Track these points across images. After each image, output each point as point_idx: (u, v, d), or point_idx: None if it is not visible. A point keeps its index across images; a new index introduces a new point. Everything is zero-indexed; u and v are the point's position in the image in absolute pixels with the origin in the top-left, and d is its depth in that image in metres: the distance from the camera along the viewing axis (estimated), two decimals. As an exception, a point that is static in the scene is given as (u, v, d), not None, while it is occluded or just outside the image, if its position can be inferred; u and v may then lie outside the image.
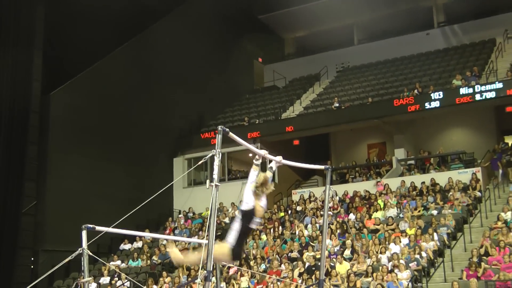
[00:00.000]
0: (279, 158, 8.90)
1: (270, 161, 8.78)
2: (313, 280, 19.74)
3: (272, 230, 26.93)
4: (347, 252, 22.48)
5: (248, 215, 8.19)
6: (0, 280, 26.44)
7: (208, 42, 37.44)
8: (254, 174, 8.27)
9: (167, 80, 33.91)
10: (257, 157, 8.46)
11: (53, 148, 28.97)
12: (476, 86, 27.84)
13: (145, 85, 32.92)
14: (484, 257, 19.82)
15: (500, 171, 27.68)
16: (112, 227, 9.40)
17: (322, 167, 10.89)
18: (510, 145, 29.68)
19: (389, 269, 19.99)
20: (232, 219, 29.33)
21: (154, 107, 33.08)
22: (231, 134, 7.96)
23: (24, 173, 27.78)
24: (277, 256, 23.75)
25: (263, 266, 23.09)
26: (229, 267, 23.06)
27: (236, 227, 8.23)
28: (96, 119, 30.59)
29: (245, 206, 8.17)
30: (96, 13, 29.75)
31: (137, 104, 32.43)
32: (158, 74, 33.63)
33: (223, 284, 21.26)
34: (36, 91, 28.56)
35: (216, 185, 7.56)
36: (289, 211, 28.92)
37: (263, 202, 8.27)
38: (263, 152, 8.49)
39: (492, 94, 27.45)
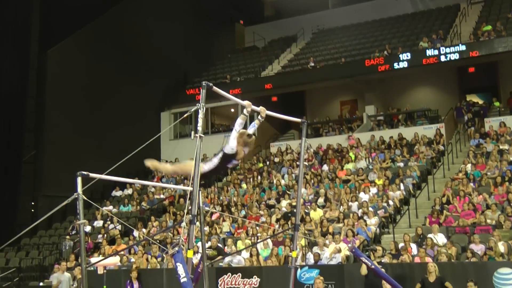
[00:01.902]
0: (262, 109, 8.74)
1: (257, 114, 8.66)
2: (289, 225, 19.79)
3: (251, 179, 26.97)
4: (321, 200, 22.53)
5: (229, 157, 8.10)
6: (4, 222, 26.83)
7: (194, 6, 37.10)
8: (240, 122, 8.12)
9: (155, 41, 33.58)
10: (247, 107, 8.31)
11: (50, 102, 28.86)
12: (441, 48, 27.83)
13: (134, 45, 32.62)
14: (446, 205, 19.96)
15: (466, 117, 27.94)
16: (105, 174, 9.34)
17: (299, 120, 10.85)
18: (472, 102, 29.85)
19: (359, 215, 20.08)
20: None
21: (143, 66, 32.79)
22: (214, 88, 7.87)
23: (24, 125, 27.77)
24: (256, 203, 23.83)
25: (243, 212, 23.16)
26: (212, 213, 23.13)
27: (215, 162, 8.12)
28: (90, 76, 30.40)
29: (229, 150, 8.03)
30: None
31: (127, 62, 32.13)
32: (146, 35, 33.24)
33: (206, 228, 21.31)
34: (34, 49, 28.46)
35: (200, 136, 7.50)
36: (267, 162, 28.96)
37: (246, 149, 8.16)
38: (247, 103, 8.33)
39: (456, 56, 27.45)
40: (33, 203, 28.12)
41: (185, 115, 8.59)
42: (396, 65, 28.62)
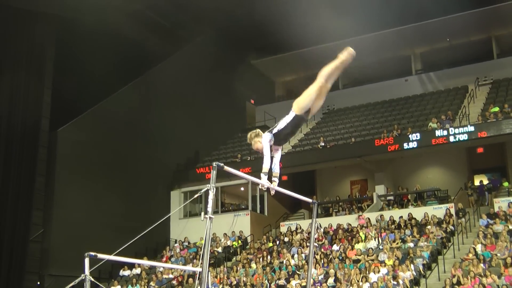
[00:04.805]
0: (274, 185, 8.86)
1: None
2: (299, 306, 19.63)
3: (261, 259, 26.81)
4: (331, 281, 22.39)
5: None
6: (9, 303, 26.36)
7: (205, 85, 37.52)
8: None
9: (166, 119, 33.86)
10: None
11: (59, 180, 28.90)
12: (450, 129, 28.02)
13: (145, 123, 32.92)
14: (457, 286, 19.79)
15: (486, 193, 28.16)
16: (113, 255, 9.34)
17: (309, 200, 10.89)
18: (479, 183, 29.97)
19: (369, 296, 19.92)
20: (224, 248, 29.27)
21: (154, 143, 33.03)
22: (226, 167, 7.93)
23: (32, 203, 27.70)
24: (267, 282, 23.62)
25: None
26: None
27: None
28: (99, 154, 30.56)
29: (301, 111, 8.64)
30: (102, 56, 29.76)
31: (138, 140, 32.41)
32: (157, 113, 33.60)
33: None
34: (45, 127, 28.61)
35: (210, 218, 7.52)
36: (277, 242, 28.83)
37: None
38: (263, 182, 8.38)
39: (464, 137, 27.63)
40: (39, 283, 27.87)
41: (195, 196, 8.65)
42: (405, 145, 28.79)
